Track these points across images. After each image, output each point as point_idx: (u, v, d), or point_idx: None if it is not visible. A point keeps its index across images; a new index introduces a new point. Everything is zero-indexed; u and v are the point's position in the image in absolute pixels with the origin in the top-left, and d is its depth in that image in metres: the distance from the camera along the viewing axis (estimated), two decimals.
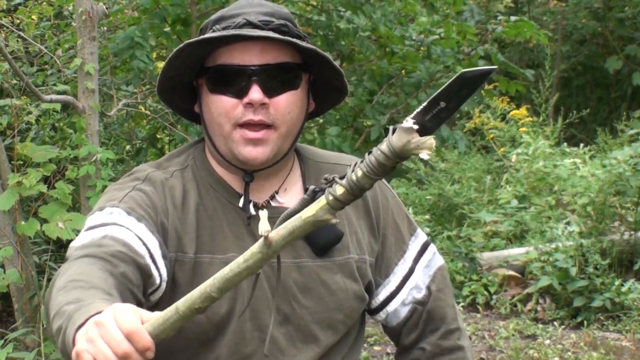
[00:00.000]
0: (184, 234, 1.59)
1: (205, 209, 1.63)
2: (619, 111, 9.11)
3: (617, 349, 4.77)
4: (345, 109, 4.04)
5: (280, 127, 1.58)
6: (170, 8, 4.06)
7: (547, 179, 6.68)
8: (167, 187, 1.61)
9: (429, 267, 1.74)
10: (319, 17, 4.25)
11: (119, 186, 1.60)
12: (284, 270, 1.61)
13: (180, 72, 1.61)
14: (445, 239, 6.17)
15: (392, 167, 1.14)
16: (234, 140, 1.57)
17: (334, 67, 1.61)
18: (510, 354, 4.81)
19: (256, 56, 1.56)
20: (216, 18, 1.62)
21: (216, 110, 1.58)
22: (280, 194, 1.67)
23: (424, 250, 1.75)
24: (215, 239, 1.61)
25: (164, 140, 4.87)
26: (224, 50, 1.57)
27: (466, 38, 4.02)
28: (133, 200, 1.54)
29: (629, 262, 5.64)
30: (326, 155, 1.77)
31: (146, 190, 1.58)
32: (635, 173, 5.69)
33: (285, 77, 1.58)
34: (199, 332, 1.59)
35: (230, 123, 1.57)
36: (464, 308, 5.60)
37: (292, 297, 1.61)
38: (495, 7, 9.37)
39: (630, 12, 9.42)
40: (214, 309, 1.56)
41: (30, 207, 3.95)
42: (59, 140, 4.29)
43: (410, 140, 1.09)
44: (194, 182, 1.65)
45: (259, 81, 1.55)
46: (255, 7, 1.61)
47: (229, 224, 1.62)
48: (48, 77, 4.46)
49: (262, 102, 1.55)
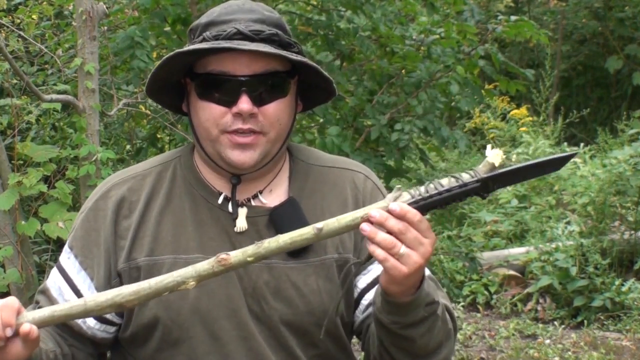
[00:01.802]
0: (137, 239, 1.63)
1: (172, 210, 1.65)
2: (619, 111, 9.11)
3: (617, 348, 4.77)
4: (345, 108, 4.04)
5: (270, 133, 1.60)
6: (171, 8, 4.06)
7: (547, 179, 6.68)
8: (124, 203, 1.66)
9: None
10: (319, 17, 4.25)
11: (81, 210, 1.71)
12: (255, 271, 1.61)
13: (169, 75, 1.62)
14: (446, 238, 6.17)
15: None
16: (222, 144, 1.59)
17: (323, 76, 1.63)
18: (510, 354, 4.81)
19: (246, 65, 1.56)
20: (206, 22, 1.62)
21: (204, 116, 1.59)
22: (264, 194, 1.68)
23: None
24: (179, 240, 1.63)
25: (164, 140, 4.87)
26: (213, 58, 1.58)
27: (466, 38, 4.02)
28: (82, 240, 1.67)
29: (629, 262, 5.64)
30: (323, 158, 1.76)
31: (93, 217, 1.67)
32: (635, 173, 5.69)
33: (274, 86, 1.59)
34: (165, 332, 1.61)
35: (218, 129, 1.58)
36: (464, 308, 5.60)
37: (262, 297, 1.61)
38: (496, 6, 9.38)
39: (630, 12, 9.42)
40: (175, 309, 1.60)
41: (30, 206, 3.95)
42: (59, 139, 4.29)
43: None
44: (169, 181, 1.68)
45: (248, 91, 1.56)
46: (246, 14, 1.61)
47: (198, 224, 1.64)
48: (48, 77, 4.46)
49: (251, 112, 1.56)
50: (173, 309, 1.60)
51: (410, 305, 1.47)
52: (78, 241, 1.67)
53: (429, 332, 1.52)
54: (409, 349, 1.54)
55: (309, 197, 1.68)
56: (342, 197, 1.69)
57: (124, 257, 1.64)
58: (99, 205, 1.68)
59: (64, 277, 1.67)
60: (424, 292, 1.47)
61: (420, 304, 1.48)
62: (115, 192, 1.68)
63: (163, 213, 1.65)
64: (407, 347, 1.54)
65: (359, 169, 1.76)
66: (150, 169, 1.71)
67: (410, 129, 3.74)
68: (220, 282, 1.59)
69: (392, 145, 3.82)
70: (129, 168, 1.75)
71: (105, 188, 1.70)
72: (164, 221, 1.64)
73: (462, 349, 4.96)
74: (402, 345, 1.54)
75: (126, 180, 1.70)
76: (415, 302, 1.47)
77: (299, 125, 4.37)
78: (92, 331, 1.67)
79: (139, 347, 1.66)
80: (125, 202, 1.67)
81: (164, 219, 1.64)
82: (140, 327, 1.63)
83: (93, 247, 1.66)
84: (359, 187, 1.71)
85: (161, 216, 1.65)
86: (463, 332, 5.19)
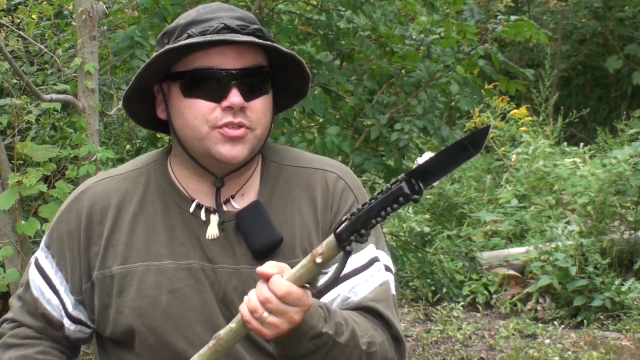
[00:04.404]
0: (111, 247, 1.63)
1: (145, 217, 1.64)
2: (619, 111, 9.10)
3: (617, 348, 4.77)
4: (345, 108, 4.04)
5: (257, 130, 1.59)
6: (171, 8, 4.05)
7: (547, 179, 6.68)
8: (96, 208, 1.66)
9: (369, 282, 1.64)
10: (319, 17, 4.25)
11: (59, 210, 1.73)
12: (225, 277, 1.61)
13: (146, 80, 1.61)
14: (446, 238, 6.17)
15: None
16: (213, 140, 1.57)
17: (304, 71, 1.63)
18: (510, 354, 4.81)
19: (234, 60, 1.56)
20: (187, 23, 1.61)
21: (192, 114, 1.58)
22: (236, 199, 1.66)
23: (370, 264, 1.65)
24: (151, 247, 1.62)
25: (164, 140, 4.87)
26: (200, 55, 1.57)
27: (466, 38, 4.02)
28: (58, 241, 1.69)
29: (629, 262, 5.64)
30: (300, 158, 1.73)
31: (66, 220, 1.69)
32: (635, 173, 5.69)
33: (260, 82, 1.60)
34: (142, 339, 1.62)
35: (209, 126, 1.57)
36: (464, 308, 5.60)
37: (231, 303, 1.60)
38: (496, 6, 9.36)
39: (630, 12, 9.41)
40: (149, 317, 1.60)
41: (30, 206, 3.94)
42: (59, 139, 4.29)
43: None
44: (142, 187, 1.67)
45: (238, 85, 1.56)
46: (227, 12, 1.61)
47: (170, 230, 1.63)
48: (48, 77, 4.46)
49: (242, 106, 1.56)
50: (147, 317, 1.60)
51: (288, 342, 1.46)
52: (54, 242, 1.70)
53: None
54: None
55: (279, 199, 1.66)
56: (312, 199, 1.66)
57: (98, 264, 1.64)
58: (72, 208, 1.69)
59: (43, 277, 1.71)
60: (303, 329, 1.44)
61: (302, 339, 1.46)
62: (88, 195, 1.68)
63: (136, 220, 1.64)
64: None
65: (334, 169, 1.71)
66: (126, 173, 1.70)
67: (410, 129, 3.74)
68: (193, 287, 1.60)
69: (392, 145, 3.82)
70: (108, 171, 1.75)
71: (79, 191, 1.71)
72: (137, 228, 1.64)
73: (462, 349, 4.97)
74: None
75: (100, 184, 1.70)
76: (294, 339, 1.45)
77: (298, 125, 4.37)
78: (68, 331, 1.71)
79: (122, 350, 1.67)
80: (96, 207, 1.67)
81: (137, 226, 1.64)
82: (118, 334, 1.64)
83: (67, 250, 1.68)
84: (330, 187, 1.67)
85: (134, 223, 1.64)
86: (463, 332, 5.19)
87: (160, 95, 1.65)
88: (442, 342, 5.10)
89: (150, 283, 1.61)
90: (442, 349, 4.99)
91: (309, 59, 3.98)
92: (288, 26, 3.97)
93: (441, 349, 4.98)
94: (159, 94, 1.65)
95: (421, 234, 4.28)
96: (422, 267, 4.22)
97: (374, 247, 1.66)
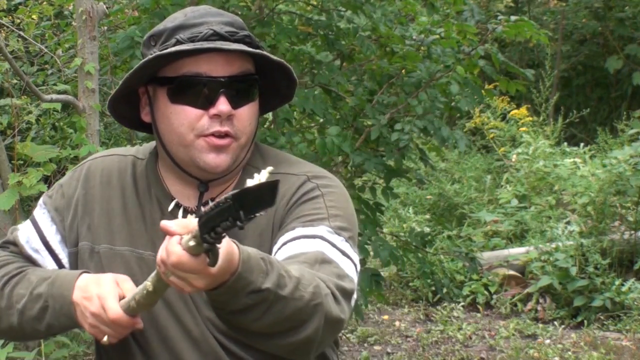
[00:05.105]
0: (101, 224, 1.67)
1: (133, 204, 1.67)
2: (619, 111, 9.10)
3: (617, 348, 4.77)
4: (345, 108, 4.04)
5: (241, 139, 1.59)
6: (171, 8, 4.05)
7: (547, 179, 6.68)
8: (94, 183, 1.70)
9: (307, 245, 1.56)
10: (319, 17, 4.24)
11: (66, 176, 1.77)
12: None
13: (131, 82, 1.60)
14: (446, 238, 6.17)
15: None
16: (197, 148, 1.57)
17: (292, 77, 1.62)
18: (510, 354, 4.81)
19: (222, 67, 1.55)
20: (175, 26, 1.59)
21: (178, 120, 1.57)
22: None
23: (313, 237, 1.56)
24: (134, 235, 1.65)
25: None
26: (188, 61, 1.55)
27: (466, 38, 4.01)
28: (56, 201, 1.72)
29: (629, 262, 5.64)
30: (282, 164, 1.67)
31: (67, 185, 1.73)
32: (635, 173, 5.69)
33: (247, 89, 1.59)
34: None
35: (194, 133, 1.56)
36: (464, 308, 5.60)
37: (196, 307, 1.60)
38: (496, 6, 9.37)
39: (631, 12, 9.41)
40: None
41: (30, 206, 3.95)
42: (59, 139, 4.29)
43: None
44: (139, 175, 1.69)
45: (226, 92, 1.55)
46: (215, 17, 1.60)
47: (152, 224, 1.64)
48: (48, 77, 4.46)
49: (229, 114, 1.55)
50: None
51: (222, 296, 1.37)
52: (53, 201, 1.73)
53: (264, 316, 1.40)
54: (250, 334, 1.47)
55: None
56: (277, 203, 1.58)
57: (84, 234, 1.68)
58: (74, 176, 1.74)
59: (35, 228, 1.72)
60: (240, 284, 1.35)
61: (238, 294, 1.36)
62: (92, 169, 1.73)
63: (126, 205, 1.67)
64: (247, 333, 1.47)
65: (309, 173, 1.65)
66: (131, 156, 1.73)
67: (410, 129, 3.73)
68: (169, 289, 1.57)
69: (392, 145, 3.82)
70: (118, 149, 1.79)
71: (87, 162, 1.76)
72: (126, 213, 1.66)
73: (462, 349, 4.97)
74: (240, 333, 1.48)
75: (105, 160, 1.74)
76: (228, 293, 1.36)
77: (298, 125, 4.37)
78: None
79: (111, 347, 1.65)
80: (96, 181, 1.70)
81: (126, 211, 1.67)
82: None
83: (64, 210, 1.71)
84: (297, 188, 1.62)
85: (124, 207, 1.67)
86: (463, 332, 5.19)
87: (145, 98, 1.64)
88: (442, 342, 5.11)
89: (134, 269, 1.62)
90: (442, 349, 4.99)
91: (309, 59, 3.98)
92: (288, 26, 3.97)
93: (441, 349, 4.98)
94: (144, 96, 1.64)
95: (421, 234, 4.28)
96: (422, 267, 4.21)
97: (325, 229, 1.58)
